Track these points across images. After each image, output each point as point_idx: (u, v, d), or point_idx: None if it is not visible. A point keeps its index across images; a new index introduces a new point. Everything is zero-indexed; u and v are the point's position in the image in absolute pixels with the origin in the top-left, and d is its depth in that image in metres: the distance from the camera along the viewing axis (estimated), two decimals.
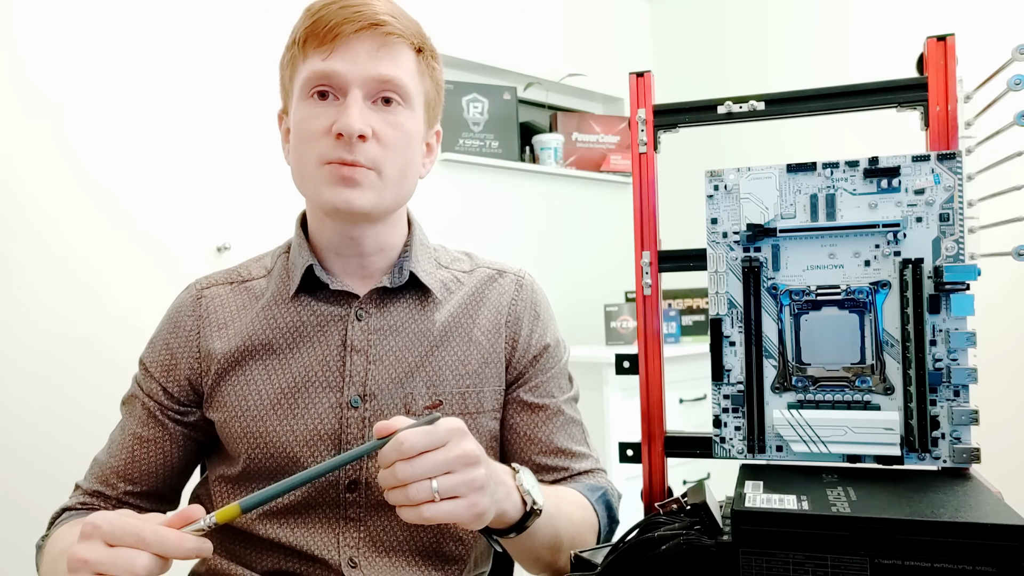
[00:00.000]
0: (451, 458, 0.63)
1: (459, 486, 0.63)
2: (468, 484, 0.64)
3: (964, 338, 0.61)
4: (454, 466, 0.64)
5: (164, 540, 0.58)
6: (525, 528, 0.73)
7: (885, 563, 0.50)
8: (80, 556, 0.57)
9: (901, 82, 0.68)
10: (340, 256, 0.88)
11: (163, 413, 0.88)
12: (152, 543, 0.57)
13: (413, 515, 0.63)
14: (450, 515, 0.63)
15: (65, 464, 1.75)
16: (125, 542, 0.58)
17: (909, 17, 2.63)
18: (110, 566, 0.57)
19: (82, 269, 1.84)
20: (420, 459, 0.62)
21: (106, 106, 1.88)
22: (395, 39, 0.82)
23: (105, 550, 0.57)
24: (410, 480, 0.62)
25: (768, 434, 0.66)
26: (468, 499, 0.64)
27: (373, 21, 0.80)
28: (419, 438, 0.62)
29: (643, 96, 0.74)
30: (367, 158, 0.80)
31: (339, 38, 0.80)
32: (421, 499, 0.62)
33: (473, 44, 2.70)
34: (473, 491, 0.64)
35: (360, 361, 0.86)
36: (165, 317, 0.92)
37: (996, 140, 0.66)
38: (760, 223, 0.66)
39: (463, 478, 0.64)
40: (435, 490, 0.62)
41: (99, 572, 0.57)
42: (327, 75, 0.80)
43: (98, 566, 0.57)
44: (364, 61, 0.80)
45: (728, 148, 2.99)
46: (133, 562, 0.57)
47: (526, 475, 0.74)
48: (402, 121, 0.83)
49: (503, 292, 0.94)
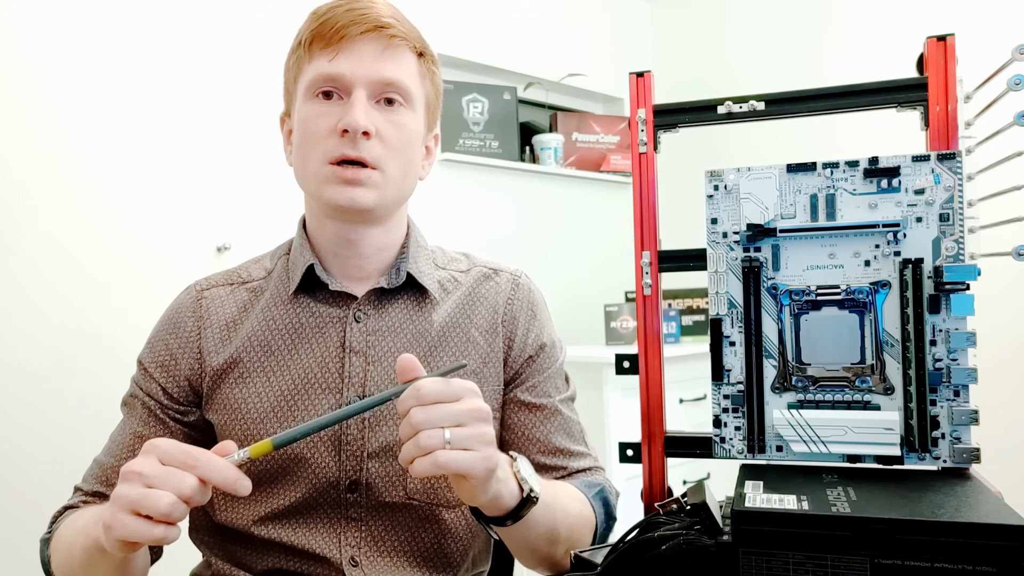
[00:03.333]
0: (464, 411, 0.65)
1: (470, 438, 0.65)
2: (479, 438, 0.65)
3: (964, 338, 0.61)
4: (466, 419, 0.65)
5: (212, 463, 0.62)
6: (521, 516, 0.73)
7: (885, 563, 0.50)
8: (135, 469, 0.62)
9: (901, 82, 0.68)
10: (339, 257, 0.89)
11: (164, 412, 0.88)
12: (202, 465, 0.62)
13: (427, 463, 0.63)
14: (463, 464, 0.64)
15: (64, 463, 1.75)
16: (177, 460, 0.62)
17: (909, 17, 2.62)
18: (161, 481, 0.61)
19: (82, 269, 1.84)
20: (435, 407, 0.64)
21: (106, 106, 1.88)
22: (399, 42, 0.84)
23: (159, 467, 0.62)
24: (423, 426, 0.64)
25: (768, 434, 0.66)
26: (480, 452, 0.65)
27: (378, 24, 0.82)
28: (436, 387, 0.65)
29: (643, 96, 0.74)
30: (371, 155, 0.82)
31: (345, 40, 0.81)
32: (432, 446, 0.63)
33: (473, 44, 2.70)
34: (484, 444, 0.66)
35: (359, 362, 0.86)
36: (164, 318, 0.92)
37: (996, 140, 0.66)
38: (760, 223, 0.66)
39: (474, 431, 0.65)
40: (447, 440, 0.63)
41: (149, 485, 0.61)
42: (332, 76, 0.82)
43: (151, 479, 0.61)
44: (369, 62, 0.82)
45: (728, 148, 2.99)
46: (182, 481, 0.61)
47: (523, 463, 0.75)
48: (404, 121, 0.85)
49: (499, 291, 0.94)
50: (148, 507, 0.60)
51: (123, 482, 0.62)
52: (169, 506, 0.60)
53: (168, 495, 0.60)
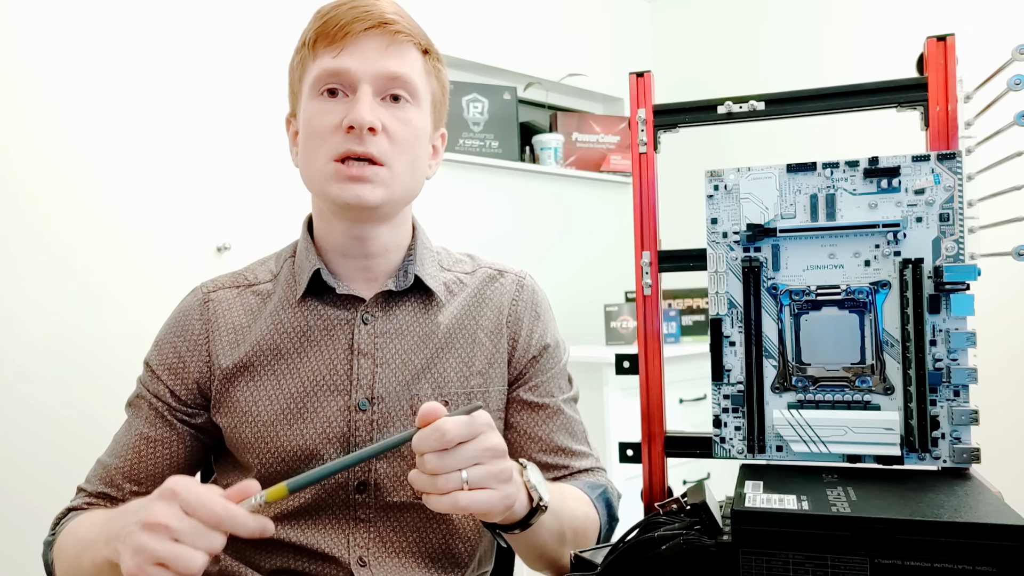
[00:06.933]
0: (481, 450, 0.64)
1: (487, 477, 0.64)
2: (496, 476, 0.65)
3: (964, 338, 0.61)
4: (483, 458, 0.64)
5: (235, 517, 0.59)
6: (530, 525, 0.73)
7: (885, 563, 0.50)
8: (161, 520, 0.58)
9: (901, 82, 0.68)
10: (346, 258, 0.89)
11: (171, 413, 0.88)
12: (226, 522, 0.59)
13: (445, 503, 0.63)
14: (482, 505, 0.64)
15: (64, 464, 1.75)
16: (201, 515, 0.59)
17: (909, 17, 2.62)
18: (191, 539, 0.58)
19: (82, 269, 1.84)
20: (455, 450, 0.63)
21: (106, 106, 1.88)
22: (403, 38, 0.84)
23: (186, 521, 0.59)
24: (441, 471, 0.63)
25: (768, 434, 0.66)
26: (499, 490, 0.65)
27: (382, 20, 0.82)
28: (460, 428, 0.63)
29: (643, 96, 0.74)
30: (378, 151, 0.81)
31: (349, 36, 0.81)
32: (450, 488, 0.63)
33: (473, 44, 2.70)
34: (502, 482, 0.65)
35: (367, 364, 0.86)
36: (171, 320, 0.91)
37: (996, 140, 0.66)
38: (760, 223, 0.66)
39: (491, 469, 0.65)
40: (464, 480, 0.63)
41: (176, 539, 0.58)
42: (337, 72, 0.82)
43: (179, 534, 0.58)
44: (374, 58, 0.82)
45: (728, 148, 2.99)
46: (212, 541, 0.59)
47: (533, 471, 0.75)
48: (411, 117, 0.84)
49: (504, 292, 0.94)
50: (180, 567, 0.58)
51: (148, 532, 0.59)
52: (202, 566, 0.58)
53: (201, 555, 0.58)
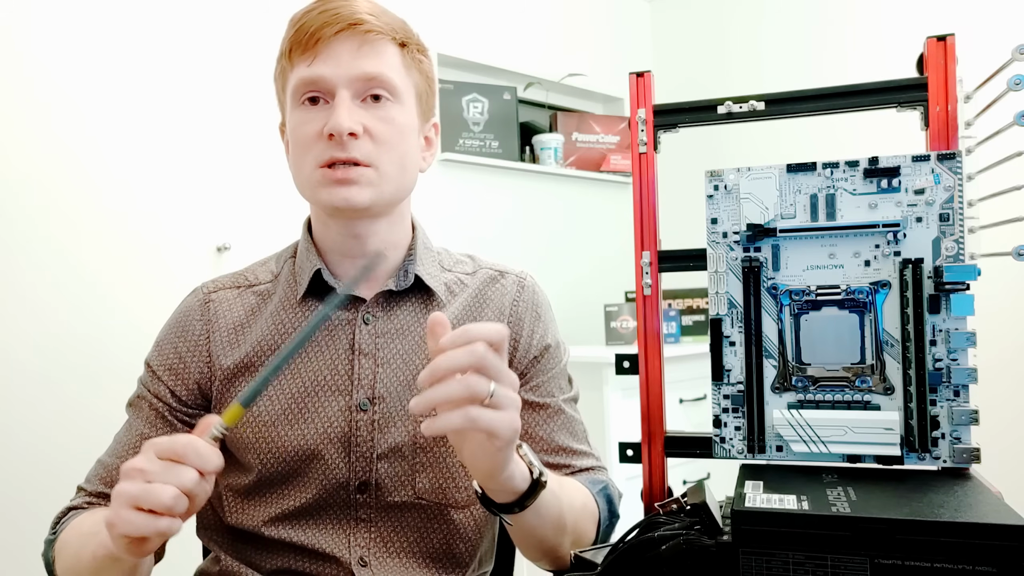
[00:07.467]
0: (504, 370, 0.63)
1: (505, 398, 0.62)
2: (512, 400, 0.63)
3: (964, 338, 0.61)
4: (504, 378, 0.63)
5: (200, 455, 0.62)
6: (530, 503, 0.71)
7: (885, 563, 0.50)
8: (136, 466, 0.62)
9: (901, 82, 0.68)
10: (346, 258, 0.89)
11: (171, 414, 0.88)
12: (188, 452, 0.61)
13: (456, 417, 0.60)
14: (494, 423, 0.61)
15: (64, 464, 1.74)
16: (166, 454, 0.62)
17: (909, 17, 2.62)
18: (162, 475, 0.61)
19: (81, 269, 1.84)
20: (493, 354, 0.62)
21: (106, 106, 1.88)
22: (375, 36, 0.83)
23: (157, 462, 0.62)
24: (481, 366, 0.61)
25: (768, 434, 0.66)
26: (509, 413, 0.63)
27: (351, 21, 0.81)
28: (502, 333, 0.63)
29: (643, 96, 0.74)
30: (361, 154, 0.81)
31: (320, 42, 0.81)
32: (479, 395, 0.60)
33: (473, 44, 2.70)
34: (514, 408, 0.64)
35: (368, 364, 0.86)
36: (172, 320, 0.91)
37: (996, 140, 0.66)
38: (760, 223, 0.66)
39: (509, 392, 0.63)
40: (491, 391, 0.61)
41: (150, 480, 0.61)
42: (313, 80, 0.82)
43: (151, 475, 0.61)
44: (347, 61, 0.81)
45: (728, 148, 2.99)
46: (182, 474, 0.61)
47: (527, 448, 0.73)
48: (393, 116, 0.84)
49: (505, 293, 0.94)
50: (151, 501, 0.60)
51: (124, 479, 0.62)
52: (172, 499, 0.60)
53: (170, 488, 0.60)
